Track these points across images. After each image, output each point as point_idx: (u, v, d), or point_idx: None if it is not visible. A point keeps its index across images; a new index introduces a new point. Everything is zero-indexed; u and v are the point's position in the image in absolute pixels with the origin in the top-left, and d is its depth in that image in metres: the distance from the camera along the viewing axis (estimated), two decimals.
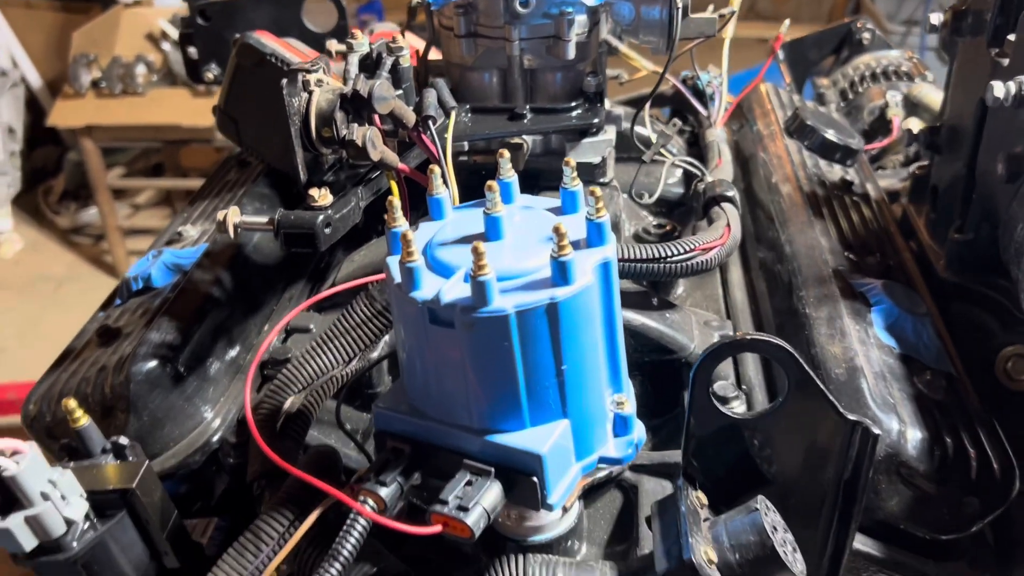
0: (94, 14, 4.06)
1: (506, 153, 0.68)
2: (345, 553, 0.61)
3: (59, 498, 0.64)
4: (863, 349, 0.82)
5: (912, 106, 1.38)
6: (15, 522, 0.62)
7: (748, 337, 0.65)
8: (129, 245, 4.05)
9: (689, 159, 1.09)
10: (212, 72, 1.35)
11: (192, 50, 1.36)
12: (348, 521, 0.62)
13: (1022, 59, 0.82)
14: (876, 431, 0.63)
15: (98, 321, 0.94)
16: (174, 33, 3.75)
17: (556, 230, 0.58)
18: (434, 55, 1.08)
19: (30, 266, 4.16)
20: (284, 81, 0.76)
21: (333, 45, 1.12)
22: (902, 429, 0.76)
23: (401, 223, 0.65)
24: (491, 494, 0.62)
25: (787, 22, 1.21)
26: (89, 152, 3.73)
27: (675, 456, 0.81)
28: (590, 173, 1.01)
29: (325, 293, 0.83)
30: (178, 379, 0.85)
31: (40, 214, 4.41)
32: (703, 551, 0.63)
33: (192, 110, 3.62)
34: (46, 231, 4.38)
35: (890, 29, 4.87)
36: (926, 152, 1.08)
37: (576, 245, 0.62)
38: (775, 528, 0.65)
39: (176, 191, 4.32)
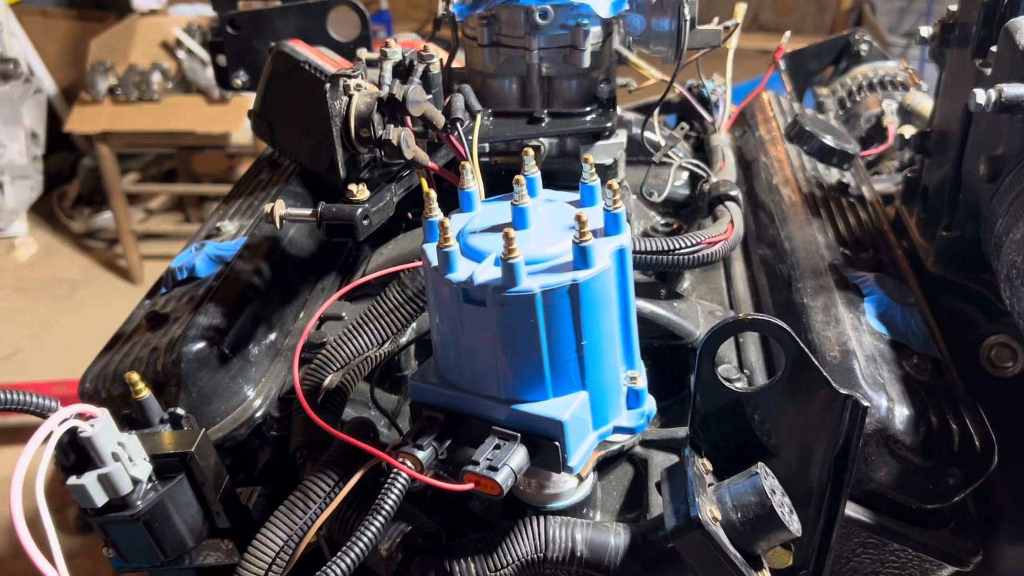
0: (110, 23, 4.15)
1: (531, 151, 0.75)
2: (387, 507, 0.68)
3: (127, 459, 0.71)
4: (855, 335, 0.89)
5: (907, 114, 1.45)
6: (90, 479, 0.69)
7: (750, 317, 0.72)
8: (142, 249, 4.12)
9: (695, 161, 1.16)
10: (240, 79, 1.42)
11: (221, 58, 1.42)
12: (389, 479, 0.69)
13: (1003, 69, 0.89)
14: (865, 404, 0.70)
15: (145, 308, 1.01)
16: (189, 41, 3.83)
17: (578, 218, 0.65)
18: (456, 63, 1.15)
19: (44, 270, 4.23)
20: (328, 85, 0.83)
21: (363, 53, 1.18)
22: (890, 406, 0.82)
23: (437, 213, 0.71)
24: (517, 456, 0.68)
25: (788, 34, 1.28)
26: (105, 158, 3.81)
27: (682, 432, 0.88)
28: (603, 174, 1.08)
29: (358, 281, 0.90)
30: (224, 359, 0.92)
31: (55, 218, 4.48)
32: (708, 510, 0.69)
33: (206, 117, 3.69)
34: (60, 235, 4.45)
35: (890, 41, 4.94)
36: (917, 155, 1.15)
37: (595, 233, 0.69)
38: (773, 491, 0.71)
39: (188, 196, 4.40)
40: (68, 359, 3.45)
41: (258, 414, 0.92)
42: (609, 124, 1.04)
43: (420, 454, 0.70)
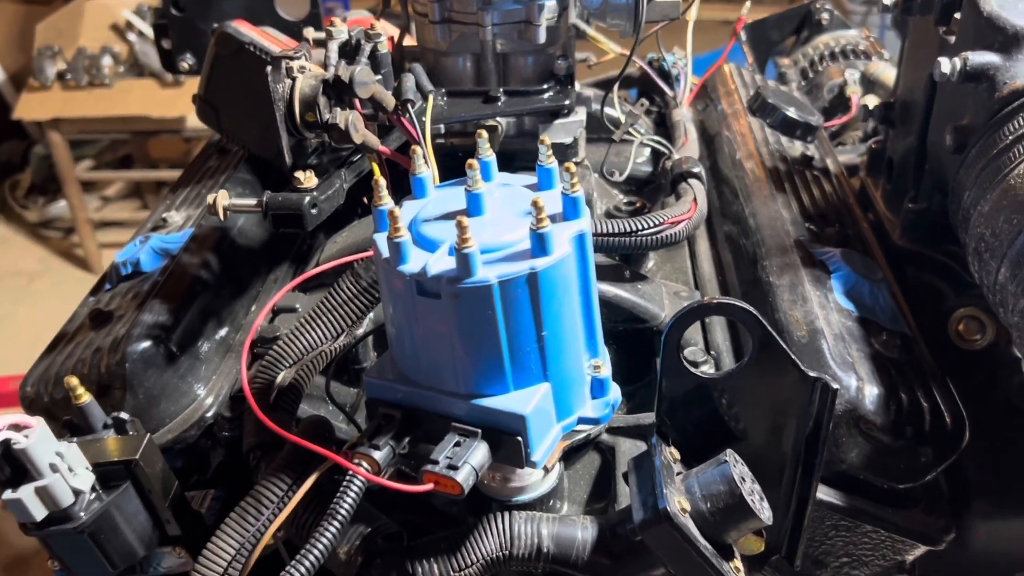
0: (57, 5, 4.03)
1: (484, 133, 0.72)
2: (343, 511, 0.65)
3: (66, 470, 0.67)
4: (823, 313, 0.87)
5: (869, 83, 1.43)
6: (26, 493, 0.66)
7: (715, 301, 0.69)
8: (100, 238, 4.03)
9: (657, 138, 1.13)
10: (187, 62, 1.37)
11: (166, 41, 1.37)
12: (345, 482, 0.66)
13: (967, 36, 0.87)
14: (835, 386, 0.68)
15: (89, 305, 0.97)
16: (139, 24, 3.73)
17: (535, 204, 0.62)
18: (408, 41, 1.11)
19: (0, 262, 4.14)
20: (269, 68, 0.80)
21: (310, 33, 1.14)
22: (860, 385, 0.81)
23: (387, 201, 0.68)
24: (478, 453, 0.66)
25: (748, 4, 1.26)
26: (56, 145, 3.71)
27: (649, 418, 0.86)
28: (562, 153, 1.05)
29: (311, 272, 0.86)
30: (171, 358, 0.88)
31: (8, 209, 4.37)
32: (677, 501, 0.67)
33: (160, 101, 3.61)
34: (14, 226, 4.35)
35: (851, 9, 4.94)
36: (881, 126, 1.14)
37: (553, 219, 0.66)
38: (743, 479, 0.69)
39: (146, 183, 4.31)
40: (28, 352, 3.35)
41: (209, 414, 0.88)
42: (567, 102, 1.01)
43: (376, 454, 0.67)
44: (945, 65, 0.83)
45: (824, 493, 0.81)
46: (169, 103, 3.60)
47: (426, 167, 0.73)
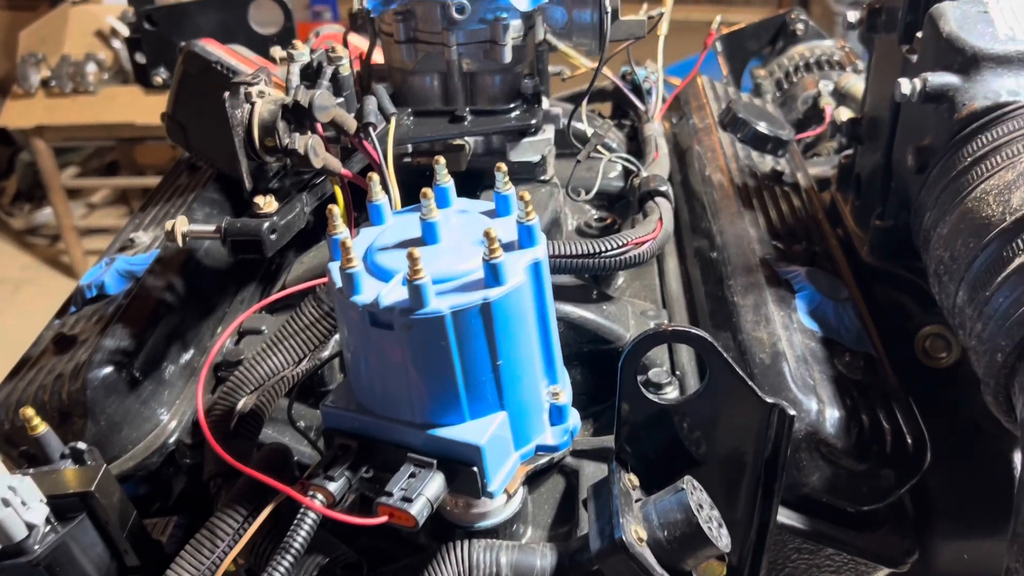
0: (41, 12, 4.01)
1: (442, 160, 0.72)
2: (296, 545, 0.65)
3: (19, 503, 0.67)
4: (786, 334, 0.87)
5: (841, 96, 1.43)
6: None
7: (670, 329, 0.69)
8: (86, 245, 4.02)
9: (625, 155, 1.13)
10: (161, 76, 1.37)
11: (140, 55, 1.37)
12: (298, 516, 0.66)
13: (929, 56, 0.87)
14: (791, 412, 0.68)
15: (53, 329, 0.97)
16: (124, 30, 3.71)
17: (487, 235, 0.62)
18: (378, 57, 1.11)
19: None
20: (226, 94, 0.79)
21: (277, 52, 1.14)
22: (820, 408, 0.81)
23: (341, 230, 0.67)
24: (434, 485, 0.65)
25: (718, 18, 1.26)
26: (41, 152, 3.70)
27: (613, 441, 0.86)
28: (530, 171, 1.05)
29: (274, 296, 0.86)
30: (134, 384, 0.88)
31: None
32: (633, 530, 0.67)
33: (145, 108, 3.59)
34: (0, 233, 4.33)
35: (837, 11, 4.94)
36: (850, 142, 1.14)
37: (509, 247, 0.66)
38: (701, 506, 0.69)
39: (132, 189, 4.29)
40: (13, 360, 3.34)
41: (172, 439, 0.88)
42: (534, 121, 1.01)
43: (332, 486, 0.67)
44: (905, 86, 0.83)
45: (786, 516, 0.81)
46: (154, 109, 3.53)
47: (383, 194, 0.73)
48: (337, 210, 0.68)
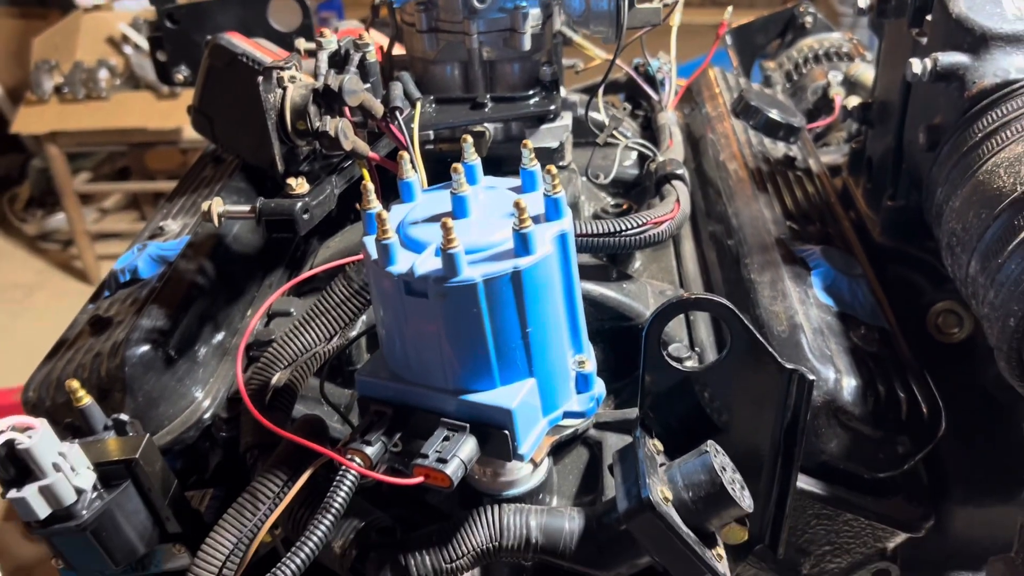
0: (53, 20, 4.06)
1: (469, 138, 0.75)
2: (336, 505, 0.67)
3: (69, 469, 0.70)
4: (803, 308, 0.89)
5: (851, 85, 1.46)
6: (30, 492, 0.68)
7: (693, 297, 0.72)
8: (98, 249, 4.05)
9: (642, 141, 1.16)
10: (182, 73, 1.39)
11: (161, 53, 1.40)
12: (338, 476, 0.68)
13: (938, 38, 0.90)
14: (811, 377, 0.70)
15: (88, 312, 0.99)
16: (135, 36, 3.75)
17: (517, 205, 0.65)
18: (397, 50, 1.14)
19: None
20: (260, 79, 0.82)
21: (302, 43, 1.16)
22: (838, 377, 0.83)
23: (375, 204, 0.70)
24: (467, 447, 0.68)
25: (730, 9, 1.28)
26: (54, 158, 3.74)
27: (636, 413, 0.88)
28: (549, 157, 1.07)
29: (305, 275, 0.89)
30: (169, 362, 0.90)
31: (7, 222, 4.39)
32: (660, 490, 0.70)
33: (157, 113, 3.63)
34: (13, 239, 4.37)
35: (840, 11, 4.97)
36: (861, 126, 1.16)
37: (536, 219, 0.69)
38: (724, 468, 0.72)
39: (143, 194, 4.32)
40: (28, 364, 3.37)
41: (207, 415, 0.91)
42: (553, 107, 1.03)
43: (369, 450, 0.69)
44: (916, 66, 0.86)
45: (805, 483, 0.83)
46: (165, 115, 3.63)
47: (413, 172, 0.75)
48: (371, 185, 0.70)
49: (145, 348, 0.88)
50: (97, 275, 4.02)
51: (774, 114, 1.19)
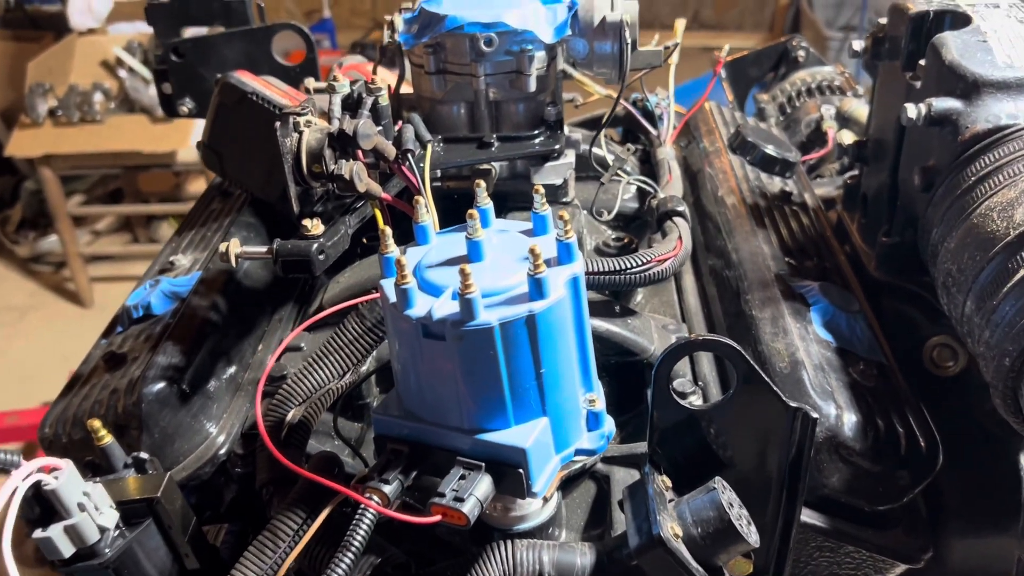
0: (47, 43, 4.08)
1: (482, 183, 0.77)
2: (356, 543, 0.69)
3: (93, 508, 0.71)
4: (803, 344, 0.92)
5: (844, 120, 1.50)
6: (56, 531, 0.69)
7: (700, 338, 0.74)
8: (91, 271, 4.06)
9: (642, 178, 1.19)
10: (187, 106, 1.41)
11: (166, 85, 1.42)
12: (357, 515, 0.70)
13: (932, 82, 0.93)
14: (814, 415, 0.73)
15: (102, 348, 1.01)
16: (129, 60, 3.78)
17: (532, 251, 0.67)
18: (405, 88, 1.16)
19: None
20: (277, 124, 0.84)
21: (311, 83, 1.19)
22: (839, 413, 0.85)
23: (393, 249, 0.72)
24: (483, 485, 0.70)
25: (727, 47, 1.32)
26: (48, 181, 3.75)
27: (642, 448, 0.90)
28: (553, 194, 1.10)
29: (321, 315, 0.91)
30: (184, 398, 0.92)
31: None
32: (670, 527, 0.72)
33: (151, 136, 3.65)
34: (5, 261, 4.37)
35: (828, 35, 5.05)
36: (856, 163, 1.19)
37: (548, 263, 0.71)
38: (731, 504, 0.74)
39: (136, 216, 4.34)
40: (21, 387, 3.39)
41: (222, 451, 0.92)
42: (557, 146, 1.06)
43: (386, 488, 0.71)
44: (911, 111, 0.89)
45: (808, 516, 0.86)
46: (159, 138, 3.65)
47: (428, 215, 0.78)
48: (388, 230, 0.73)
49: (161, 385, 0.90)
50: (90, 297, 4.03)
51: (770, 150, 1.22)
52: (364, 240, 1.15)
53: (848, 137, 1.35)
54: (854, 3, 5.38)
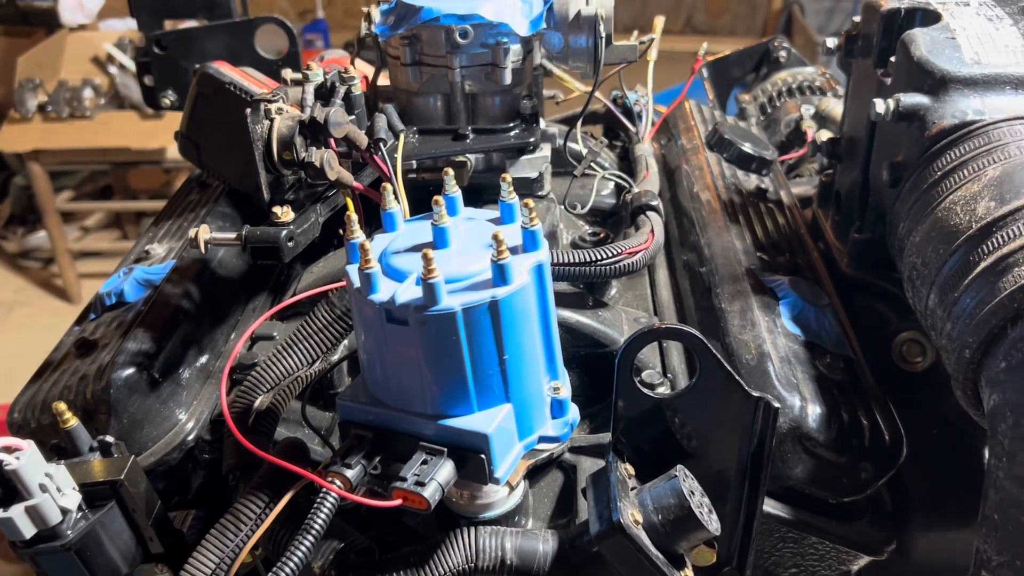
0: (38, 39, 4.07)
1: (450, 171, 0.77)
2: (316, 526, 0.69)
3: (55, 490, 0.71)
4: (771, 337, 0.92)
5: (822, 119, 1.50)
6: (16, 512, 0.69)
7: (663, 326, 0.75)
8: (79, 268, 4.05)
9: (618, 173, 1.19)
10: (169, 98, 1.41)
11: (149, 78, 1.42)
12: (318, 499, 0.70)
13: (902, 79, 0.94)
14: (776, 405, 0.73)
15: (74, 335, 1.01)
16: (120, 56, 3.78)
17: (495, 237, 0.68)
18: (382, 80, 1.17)
19: None
20: (248, 110, 0.84)
21: (288, 74, 1.19)
22: (803, 405, 0.86)
23: (359, 235, 0.73)
24: (444, 471, 0.70)
25: (705, 45, 1.32)
26: (37, 176, 3.74)
27: (609, 438, 0.91)
28: (528, 187, 1.10)
29: (288, 301, 0.91)
30: (154, 384, 0.92)
31: None
32: (630, 513, 0.72)
33: (141, 132, 3.65)
34: None
35: (820, 41, 5.06)
36: (830, 161, 1.20)
37: (513, 250, 0.71)
38: (692, 492, 0.74)
39: (125, 213, 4.33)
40: (5, 382, 3.37)
41: (190, 438, 0.92)
42: (532, 139, 1.07)
43: (349, 472, 0.71)
44: (880, 106, 0.90)
45: (772, 507, 0.86)
46: (149, 135, 3.65)
47: (396, 203, 0.78)
48: (354, 216, 0.73)
49: (130, 371, 0.90)
50: (78, 293, 4.02)
51: (747, 147, 1.22)
52: (341, 232, 1.15)
53: (826, 135, 1.36)
54: (845, 9, 5.41)
